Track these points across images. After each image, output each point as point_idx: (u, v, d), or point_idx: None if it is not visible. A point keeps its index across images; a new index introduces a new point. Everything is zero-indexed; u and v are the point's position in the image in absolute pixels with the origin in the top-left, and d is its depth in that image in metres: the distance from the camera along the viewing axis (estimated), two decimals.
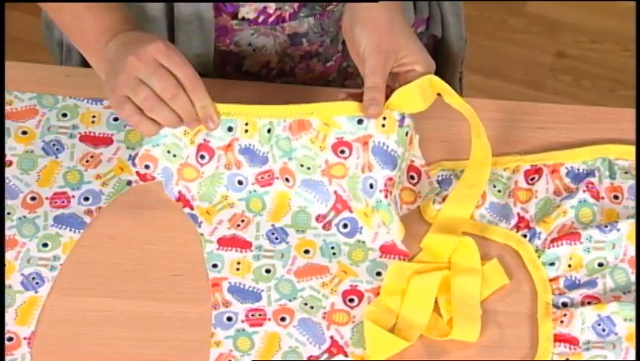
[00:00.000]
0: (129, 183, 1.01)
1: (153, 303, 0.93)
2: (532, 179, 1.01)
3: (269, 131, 0.97)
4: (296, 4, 1.07)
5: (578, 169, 1.01)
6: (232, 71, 1.12)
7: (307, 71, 1.13)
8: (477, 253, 0.95)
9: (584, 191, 0.98)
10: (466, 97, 1.07)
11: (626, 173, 1.00)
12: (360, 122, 0.95)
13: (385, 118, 0.94)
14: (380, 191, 0.94)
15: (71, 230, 0.98)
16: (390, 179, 0.94)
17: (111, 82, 0.94)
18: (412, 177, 1.00)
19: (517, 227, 0.98)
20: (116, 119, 1.05)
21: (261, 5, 1.06)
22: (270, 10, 1.07)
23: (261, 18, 1.07)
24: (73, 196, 1.00)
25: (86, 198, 1.00)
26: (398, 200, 0.98)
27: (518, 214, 0.99)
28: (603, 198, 0.99)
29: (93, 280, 0.95)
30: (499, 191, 1.00)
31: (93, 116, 1.05)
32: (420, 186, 0.99)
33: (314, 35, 1.10)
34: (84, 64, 1.12)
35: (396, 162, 0.95)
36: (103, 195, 1.00)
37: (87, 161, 1.02)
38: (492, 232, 0.98)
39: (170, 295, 0.94)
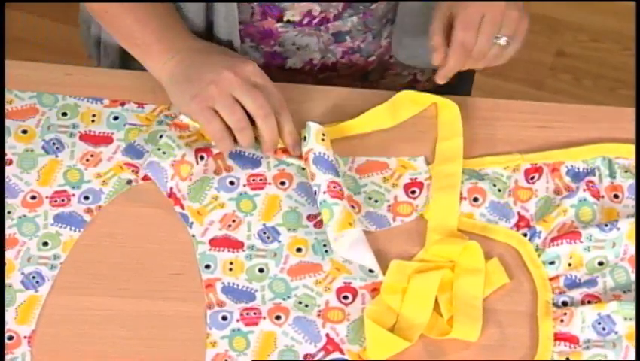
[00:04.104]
0: (129, 182, 1.01)
1: (153, 302, 0.93)
2: (532, 178, 1.01)
3: None
4: (340, 6, 1.07)
5: (578, 168, 1.00)
6: (276, 70, 1.13)
7: (349, 65, 1.14)
8: (482, 254, 0.94)
9: (584, 190, 0.98)
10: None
11: (626, 172, 1.00)
12: (304, 139, 0.99)
13: (323, 134, 0.98)
14: (324, 192, 0.96)
15: (71, 229, 0.98)
16: (334, 182, 0.96)
17: (194, 88, 0.97)
18: (413, 192, 1.00)
19: (517, 226, 0.98)
20: (116, 118, 1.05)
21: (306, 9, 1.06)
22: (315, 13, 1.07)
23: (306, 20, 1.08)
24: (73, 195, 1.00)
25: (87, 197, 1.00)
26: (388, 211, 0.99)
27: (518, 213, 0.99)
28: (603, 197, 0.99)
29: (93, 279, 0.95)
30: (499, 190, 1.00)
31: (93, 115, 1.05)
32: (419, 200, 1.00)
33: (357, 33, 1.11)
34: (122, 64, 1.12)
35: (337, 170, 0.97)
36: (103, 194, 1.00)
37: (87, 160, 1.02)
38: (493, 231, 0.98)
39: (171, 294, 0.94)
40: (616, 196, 0.99)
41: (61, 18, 2.08)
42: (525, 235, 0.97)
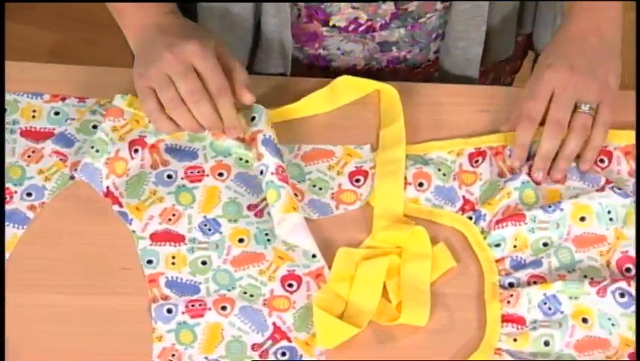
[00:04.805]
0: (72, 177, 1.00)
1: (101, 297, 0.92)
2: (476, 162, 1.01)
3: None
4: (388, 16, 1.06)
5: None
6: (319, 72, 1.12)
7: (394, 73, 1.14)
8: (428, 239, 0.95)
9: (527, 172, 0.98)
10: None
11: None
12: (252, 118, 0.99)
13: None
14: (272, 173, 0.95)
15: (14, 226, 0.96)
16: (281, 167, 0.96)
17: (141, 69, 0.97)
18: (357, 180, 1.00)
19: (462, 210, 0.98)
20: (57, 113, 1.04)
21: (353, 15, 1.06)
22: (361, 20, 1.07)
23: (352, 27, 1.07)
24: (15, 192, 0.98)
25: (29, 194, 0.98)
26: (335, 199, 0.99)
27: (463, 197, 0.99)
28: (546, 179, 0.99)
29: (39, 277, 0.94)
30: (444, 175, 1.00)
31: (34, 111, 1.04)
32: (363, 188, 1.00)
33: (404, 44, 1.10)
34: None
35: (283, 157, 0.97)
36: (46, 190, 0.99)
37: (29, 156, 1.01)
38: (438, 216, 0.98)
39: (118, 289, 0.93)
40: None
41: (7, 15, 2.06)
42: (470, 218, 0.97)
